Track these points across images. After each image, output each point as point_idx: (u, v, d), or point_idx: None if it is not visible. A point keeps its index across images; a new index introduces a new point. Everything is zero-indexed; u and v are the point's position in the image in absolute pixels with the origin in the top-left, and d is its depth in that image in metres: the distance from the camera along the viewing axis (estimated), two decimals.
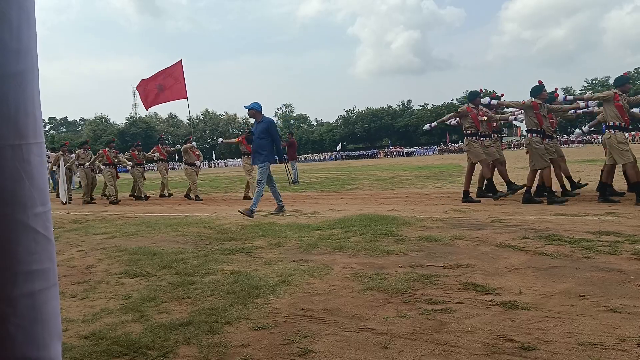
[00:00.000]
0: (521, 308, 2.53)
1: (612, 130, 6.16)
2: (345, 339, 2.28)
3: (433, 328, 2.34)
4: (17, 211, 0.97)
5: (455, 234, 4.65)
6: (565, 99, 7.53)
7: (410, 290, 2.94)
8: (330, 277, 3.36)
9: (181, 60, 11.47)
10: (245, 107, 7.34)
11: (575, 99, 7.50)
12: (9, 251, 0.96)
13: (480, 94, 7.69)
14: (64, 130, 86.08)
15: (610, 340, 2.08)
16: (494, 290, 2.86)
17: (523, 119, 7.31)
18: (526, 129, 6.95)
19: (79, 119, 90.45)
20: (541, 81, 6.98)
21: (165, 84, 11.60)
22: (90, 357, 2.21)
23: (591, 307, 2.49)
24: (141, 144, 13.44)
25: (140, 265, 4.06)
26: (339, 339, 2.28)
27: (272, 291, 3.08)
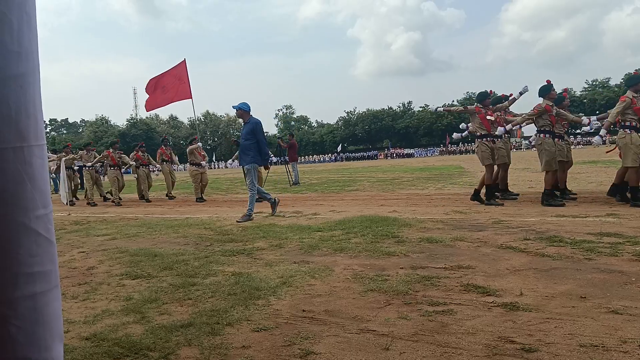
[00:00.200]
0: (522, 309, 2.53)
1: (629, 130, 6.06)
2: (347, 340, 2.28)
3: (434, 329, 2.34)
4: (19, 213, 0.97)
5: (456, 235, 4.65)
6: (590, 123, 7.02)
7: (411, 292, 2.94)
8: (331, 279, 3.36)
9: (185, 61, 11.43)
10: (233, 107, 7.18)
11: (599, 118, 7.14)
12: (10, 253, 0.96)
13: (490, 95, 7.53)
14: (64, 131, 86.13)
15: (612, 341, 2.07)
16: (495, 291, 2.86)
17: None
18: (537, 128, 6.80)
19: (80, 121, 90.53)
20: (549, 80, 6.88)
21: (169, 84, 11.55)
22: (91, 359, 2.21)
23: (592, 309, 2.48)
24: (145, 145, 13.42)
25: (142, 267, 4.07)
26: (340, 340, 2.28)
27: (273, 292, 3.08)
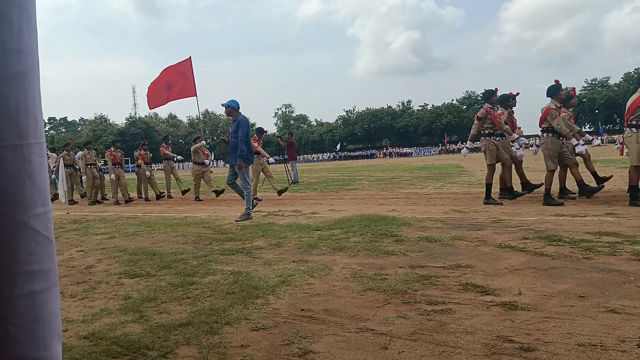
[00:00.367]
0: (521, 309, 2.53)
1: (635, 129, 6.04)
2: (345, 339, 2.28)
3: (433, 329, 2.34)
4: (18, 211, 0.97)
5: (455, 234, 4.65)
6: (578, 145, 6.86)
7: (410, 291, 2.95)
8: (330, 278, 3.36)
9: (190, 58, 11.34)
10: (222, 105, 7.08)
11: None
12: (9, 251, 0.96)
13: (496, 92, 7.49)
14: (63, 130, 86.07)
15: (610, 341, 2.08)
16: (493, 290, 2.86)
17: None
18: (543, 128, 6.71)
19: (79, 119, 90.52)
20: (558, 80, 6.83)
21: (174, 82, 11.45)
22: (89, 358, 2.21)
23: (591, 308, 2.49)
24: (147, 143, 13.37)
25: (140, 266, 4.06)
26: (339, 339, 2.28)
27: (272, 292, 3.08)
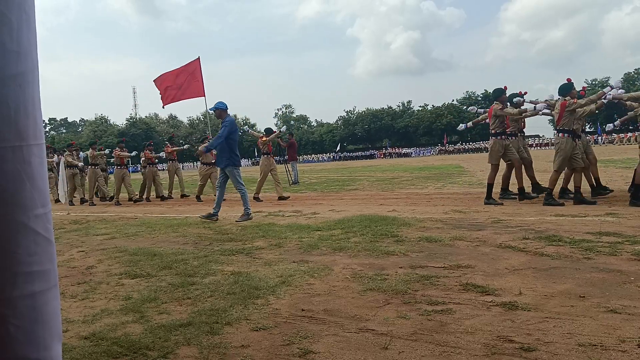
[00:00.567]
0: (521, 309, 2.53)
1: None
2: (346, 339, 2.28)
3: (433, 329, 2.34)
4: (18, 212, 0.97)
5: (456, 234, 4.65)
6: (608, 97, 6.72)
7: (410, 291, 2.94)
8: (330, 278, 3.36)
9: (199, 58, 11.28)
10: (210, 110, 6.92)
11: (615, 97, 7.02)
12: (9, 252, 0.96)
13: (505, 90, 7.40)
14: (64, 131, 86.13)
15: (611, 341, 2.08)
16: (494, 291, 2.86)
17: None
18: (557, 128, 6.67)
19: (79, 120, 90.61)
20: (570, 79, 6.77)
21: (182, 81, 11.39)
22: (90, 358, 2.21)
23: (591, 308, 2.49)
24: (153, 144, 13.29)
25: (141, 266, 4.07)
26: (339, 339, 2.28)
27: (272, 292, 3.09)
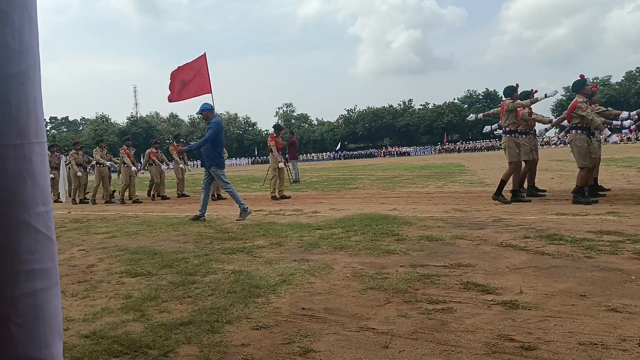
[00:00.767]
0: (522, 307, 2.53)
1: None
2: (346, 338, 2.28)
3: (434, 327, 2.34)
4: (19, 210, 0.97)
5: (456, 233, 4.65)
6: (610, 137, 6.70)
7: (411, 290, 2.95)
8: (331, 277, 3.36)
9: (205, 54, 11.19)
10: (197, 114, 6.95)
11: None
12: (10, 250, 0.96)
13: (517, 88, 7.32)
14: (65, 129, 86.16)
15: (611, 339, 2.07)
16: (494, 289, 2.86)
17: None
18: (569, 125, 6.62)
19: (80, 119, 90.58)
20: (583, 75, 6.71)
21: (188, 78, 11.29)
22: (91, 356, 2.21)
23: (592, 307, 2.48)
24: (159, 142, 13.18)
25: (141, 265, 4.07)
26: (340, 338, 2.28)
27: (273, 290, 3.09)
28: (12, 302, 0.97)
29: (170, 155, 12.62)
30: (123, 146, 11.84)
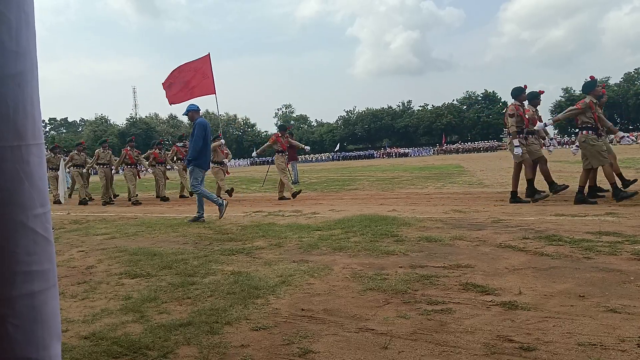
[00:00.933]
0: (521, 308, 2.53)
1: None
2: (345, 339, 2.28)
3: (433, 328, 2.34)
4: (17, 212, 0.97)
5: (455, 234, 4.65)
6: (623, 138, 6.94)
7: (410, 291, 2.94)
8: (330, 278, 3.36)
9: (209, 55, 11.07)
10: (184, 115, 7.06)
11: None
12: (8, 252, 0.96)
13: (525, 89, 7.27)
14: (64, 130, 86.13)
15: (610, 340, 2.08)
16: (493, 290, 2.86)
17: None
18: (579, 126, 6.60)
19: (79, 120, 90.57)
20: (593, 76, 6.69)
21: (192, 79, 11.14)
22: (90, 358, 2.21)
23: (591, 308, 2.49)
24: (163, 143, 13.11)
25: (141, 266, 4.07)
26: (339, 339, 2.28)
27: (272, 292, 3.09)
28: (10, 304, 0.97)
29: (177, 156, 12.53)
30: (126, 147, 11.74)
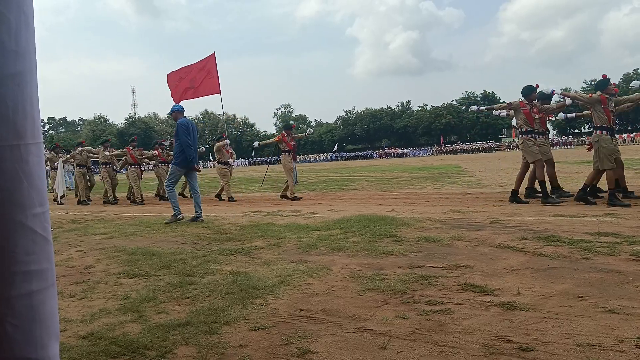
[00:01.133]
0: (519, 309, 2.53)
1: None
2: (344, 339, 2.28)
3: (431, 329, 2.34)
4: (15, 211, 0.97)
5: (454, 234, 4.65)
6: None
7: (408, 291, 2.95)
8: (329, 278, 3.36)
9: (214, 54, 10.97)
10: (167, 114, 7.24)
11: None
12: (6, 251, 0.96)
13: (536, 89, 7.13)
14: (62, 130, 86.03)
15: (609, 341, 2.08)
16: (492, 291, 2.86)
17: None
18: (593, 125, 6.50)
19: (78, 119, 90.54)
20: (606, 75, 6.62)
21: (197, 78, 11.06)
22: (88, 357, 2.21)
23: (589, 308, 2.49)
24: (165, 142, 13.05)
25: (139, 266, 4.06)
26: (338, 339, 2.28)
27: (271, 292, 3.08)
28: (8, 303, 0.97)
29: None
30: (128, 146, 11.65)
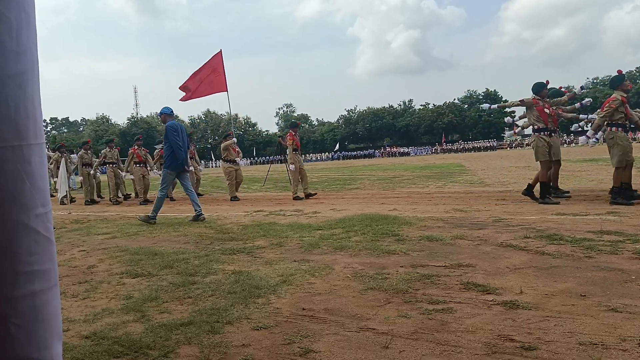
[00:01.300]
0: (522, 308, 2.53)
1: None
2: (346, 338, 2.28)
3: (434, 328, 2.34)
4: (18, 212, 0.97)
5: (457, 233, 4.64)
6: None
7: (411, 290, 2.94)
8: (331, 277, 3.36)
9: (221, 51, 10.75)
10: (158, 115, 7.30)
11: None
12: (9, 252, 0.96)
13: (547, 85, 7.04)
14: (65, 130, 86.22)
15: (611, 340, 2.07)
16: (495, 289, 2.86)
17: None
18: (610, 122, 6.38)
19: (81, 119, 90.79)
20: (621, 71, 6.56)
21: (204, 76, 10.97)
22: (91, 357, 2.21)
23: (592, 307, 2.48)
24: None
25: (142, 265, 4.07)
26: (340, 338, 2.28)
27: (273, 291, 3.09)
28: (12, 304, 0.97)
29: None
30: (134, 146, 11.61)
